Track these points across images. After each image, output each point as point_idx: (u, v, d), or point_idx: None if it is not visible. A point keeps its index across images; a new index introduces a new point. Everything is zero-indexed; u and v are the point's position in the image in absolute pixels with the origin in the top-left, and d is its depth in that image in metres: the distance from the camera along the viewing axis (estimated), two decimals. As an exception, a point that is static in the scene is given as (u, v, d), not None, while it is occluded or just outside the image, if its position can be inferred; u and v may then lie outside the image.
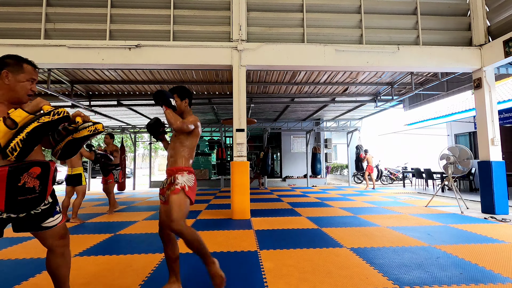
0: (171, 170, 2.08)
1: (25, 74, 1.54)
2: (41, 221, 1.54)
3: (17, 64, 1.52)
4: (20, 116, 1.39)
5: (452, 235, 3.66)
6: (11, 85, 1.50)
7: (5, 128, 1.35)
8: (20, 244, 3.49)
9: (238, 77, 5.16)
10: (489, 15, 5.43)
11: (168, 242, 2.05)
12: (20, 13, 5.09)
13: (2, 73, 1.48)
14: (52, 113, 1.44)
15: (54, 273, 1.65)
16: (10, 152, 1.37)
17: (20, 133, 1.38)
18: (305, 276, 2.37)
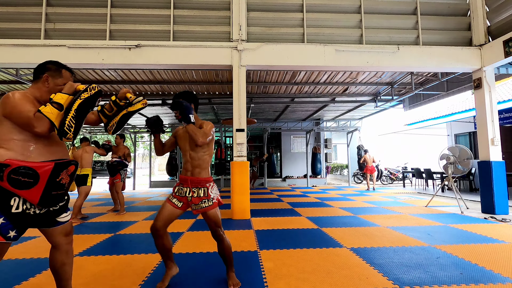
0: (198, 181, 2.13)
1: (63, 79, 1.66)
2: (56, 216, 1.61)
3: (57, 70, 1.66)
4: (62, 98, 1.52)
5: (452, 235, 3.66)
6: (50, 88, 1.61)
7: (56, 110, 1.48)
8: (20, 244, 3.49)
9: (238, 77, 5.16)
10: (489, 15, 5.43)
11: (164, 236, 2.13)
12: (20, 13, 5.09)
13: (43, 77, 1.60)
14: (88, 89, 1.61)
15: (58, 271, 1.66)
16: (67, 129, 1.50)
17: (69, 111, 1.52)
18: (305, 276, 2.37)
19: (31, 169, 1.43)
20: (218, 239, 2.15)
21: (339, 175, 18.49)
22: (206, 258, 2.88)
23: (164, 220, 2.11)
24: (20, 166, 1.41)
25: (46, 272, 2.54)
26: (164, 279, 2.19)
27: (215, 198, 2.15)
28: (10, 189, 1.41)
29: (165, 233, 2.14)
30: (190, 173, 2.15)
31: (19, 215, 1.45)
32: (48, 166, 1.47)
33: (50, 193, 1.49)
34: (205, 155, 2.16)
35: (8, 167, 1.40)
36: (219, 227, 2.15)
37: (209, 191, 2.14)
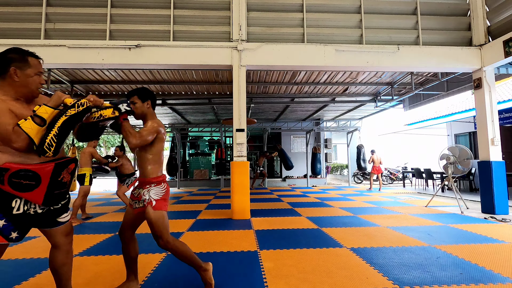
0: (141, 181, 2.02)
1: (32, 68, 1.50)
2: (57, 216, 1.60)
3: (22, 59, 1.48)
4: (46, 112, 1.43)
5: (452, 235, 3.66)
6: (21, 81, 1.47)
7: (36, 126, 1.39)
8: (20, 244, 3.49)
9: (238, 77, 5.16)
10: (489, 15, 5.43)
11: (130, 242, 2.04)
12: (20, 13, 5.09)
13: (10, 70, 1.44)
14: (76, 105, 1.50)
15: (58, 271, 1.66)
16: (47, 148, 1.42)
17: (52, 128, 1.43)
18: (305, 276, 2.37)
19: (32, 172, 1.41)
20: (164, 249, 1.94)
21: (339, 175, 18.49)
22: (206, 258, 2.88)
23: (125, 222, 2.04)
24: (20, 169, 1.38)
25: (46, 272, 2.54)
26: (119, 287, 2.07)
27: (147, 200, 1.93)
28: (13, 192, 1.40)
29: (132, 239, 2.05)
30: (140, 173, 2.06)
31: (20, 216, 1.44)
32: (48, 167, 1.45)
33: (53, 192, 1.49)
34: (147, 154, 1.99)
35: (8, 171, 1.37)
36: (158, 237, 1.91)
37: (143, 192, 1.96)
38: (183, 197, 8.55)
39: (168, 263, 2.73)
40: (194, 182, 12.88)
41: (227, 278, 2.37)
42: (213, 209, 6.08)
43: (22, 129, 1.36)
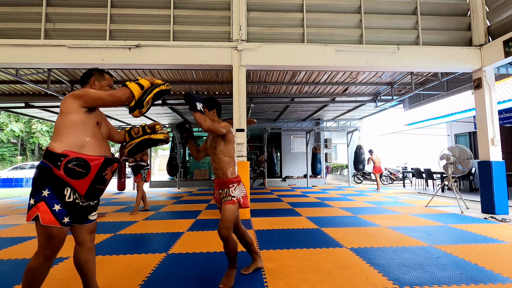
0: (222, 183, 2.28)
1: (106, 81, 1.91)
2: (89, 213, 1.76)
3: (100, 74, 1.90)
4: (145, 82, 1.83)
5: (452, 235, 3.66)
6: (97, 89, 1.85)
7: (138, 87, 1.78)
8: (20, 244, 3.49)
9: (238, 77, 5.16)
10: (489, 15, 5.43)
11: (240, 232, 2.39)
12: (20, 13, 5.09)
13: (90, 80, 1.86)
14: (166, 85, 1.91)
15: (83, 267, 1.77)
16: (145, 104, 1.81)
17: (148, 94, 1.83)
18: (305, 276, 2.37)
19: (85, 161, 1.60)
20: (222, 239, 2.15)
21: (339, 175, 18.48)
22: (206, 258, 2.88)
23: None
24: (76, 157, 1.58)
25: (46, 272, 2.54)
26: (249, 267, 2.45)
27: (236, 198, 2.22)
28: (64, 178, 1.57)
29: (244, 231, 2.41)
30: (216, 175, 2.32)
31: (71, 204, 1.61)
32: (99, 160, 1.64)
33: (95, 186, 1.65)
34: (225, 157, 2.26)
35: (66, 157, 1.56)
36: (225, 227, 2.13)
37: (230, 191, 2.24)
38: (183, 197, 8.55)
39: (168, 263, 2.73)
40: (194, 182, 12.88)
41: (227, 278, 2.37)
42: (213, 209, 6.08)
43: (128, 87, 1.75)
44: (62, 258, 2.90)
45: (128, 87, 1.75)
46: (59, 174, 1.56)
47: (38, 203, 1.54)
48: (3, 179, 14.08)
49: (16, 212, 6.00)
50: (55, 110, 9.51)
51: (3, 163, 22.07)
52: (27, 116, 11.82)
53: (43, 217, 1.53)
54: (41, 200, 1.54)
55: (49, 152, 1.58)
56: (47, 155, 1.59)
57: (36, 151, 25.03)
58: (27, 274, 1.56)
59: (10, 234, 4.02)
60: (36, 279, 1.57)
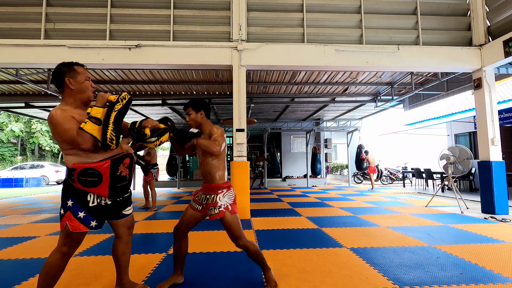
0: (209, 188, 2.12)
1: (81, 75, 1.73)
2: (122, 209, 1.89)
3: (71, 69, 1.71)
4: (98, 112, 1.66)
5: (452, 235, 3.66)
6: (77, 88, 1.71)
7: (96, 126, 1.63)
8: (20, 244, 3.49)
9: (238, 77, 5.16)
10: (489, 15, 5.42)
11: (183, 239, 2.18)
12: (20, 13, 5.09)
13: (65, 81, 1.68)
14: (120, 100, 1.71)
15: (119, 259, 1.94)
16: (110, 142, 1.66)
17: (108, 125, 1.65)
18: (305, 276, 2.37)
19: (93, 169, 1.66)
20: (242, 248, 2.11)
21: (339, 175, 18.48)
22: (206, 258, 2.88)
23: (185, 221, 2.16)
24: (84, 168, 1.64)
25: (46, 272, 2.54)
26: (167, 281, 2.19)
27: (223, 206, 2.06)
28: (83, 189, 1.66)
29: (185, 236, 2.19)
30: (204, 179, 2.17)
31: (96, 208, 1.71)
32: (106, 164, 1.69)
33: (115, 185, 1.74)
34: (213, 160, 2.10)
35: (75, 170, 1.64)
36: (236, 238, 2.07)
37: (216, 198, 2.07)
38: (183, 197, 8.55)
39: (168, 263, 2.73)
40: (194, 182, 12.87)
41: (227, 278, 2.37)
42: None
43: (85, 131, 1.60)
44: (62, 258, 2.90)
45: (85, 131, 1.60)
46: (77, 186, 1.67)
47: (66, 213, 1.67)
48: (3, 179, 14.08)
49: (16, 212, 6.00)
50: (55, 110, 9.50)
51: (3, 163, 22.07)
52: (27, 116, 11.82)
53: (71, 225, 1.65)
54: (67, 210, 1.67)
55: (66, 167, 1.70)
56: (66, 169, 1.70)
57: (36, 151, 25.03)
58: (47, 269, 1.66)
59: (10, 234, 4.02)
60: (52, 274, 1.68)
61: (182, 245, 2.17)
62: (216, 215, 2.04)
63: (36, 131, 19.88)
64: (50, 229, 4.33)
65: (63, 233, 1.67)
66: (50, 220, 5.11)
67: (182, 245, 2.18)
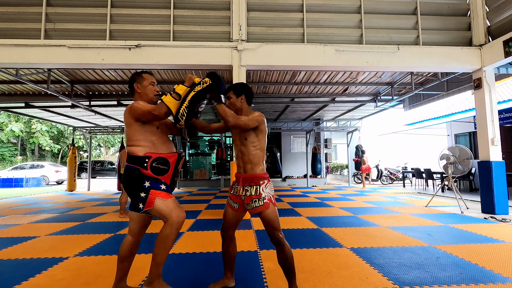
0: (250, 178, 1.95)
1: (146, 80, 2.01)
2: None
3: (139, 76, 2.01)
4: (181, 89, 1.87)
5: (452, 235, 3.66)
6: (142, 92, 1.99)
7: (173, 99, 1.82)
8: (20, 244, 3.49)
9: (238, 77, 5.16)
10: (489, 15, 5.42)
11: (230, 241, 2.09)
12: (20, 13, 5.09)
13: (134, 87, 2.00)
14: (201, 83, 1.87)
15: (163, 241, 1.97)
16: (180, 117, 1.82)
17: (184, 102, 1.83)
18: (305, 276, 2.37)
19: (165, 159, 1.87)
20: (277, 244, 1.90)
21: (339, 175, 18.48)
22: (206, 258, 2.88)
23: (229, 222, 2.05)
24: (158, 156, 1.85)
25: (46, 272, 2.54)
26: (217, 283, 2.11)
27: (267, 197, 1.92)
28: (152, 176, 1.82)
29: (232, 239, 2.09)
30: (242, 169, 2.00)
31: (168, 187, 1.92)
32: (174, 156, 1.93)
33: (174, 178, 1.95)
34: (256, 149, 1.96)
35: (150, 158, 1.83)
36: (275, 229, 1.90)
37: (260, 189, 1.92)
38: (183, 197, 8.55)
39: (168, 263, 2.73)
40: (194, 182, 12.87)
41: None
42: (213, 209, 6.08)
43: (163, 102, 1.81)
44: (62, 258, 2.91)
45: (163, 102, 1.80)
46: (147, 174, 1.82)
47: (149, 191, 1.80)
48: (3, 179, 14.08)
49: (16, 212, 6.00)
50: (55, 110, 9.51)
51: (3, 163, 22.08)
52: (27, 116, 11.82)
53: (162, 196, 1.81)
54: (149, 190, 1.80)
55: (133, 157, 1.85)
56: (131, 159, 1.85)
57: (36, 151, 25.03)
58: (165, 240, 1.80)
59: (10, 234, 4.02)
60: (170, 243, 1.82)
61: (231, 246, 2.07)
62: (259, 208, 1.89)
63: (36, 131, 19.87)
64: (50, 229, 4.33)
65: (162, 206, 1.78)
66: (50, 220, 5.11)
67: (231, 247, 2.07)
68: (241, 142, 1.99)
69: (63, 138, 23.51)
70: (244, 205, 1.98)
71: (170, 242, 1.81)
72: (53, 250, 3.21)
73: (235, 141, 2.07)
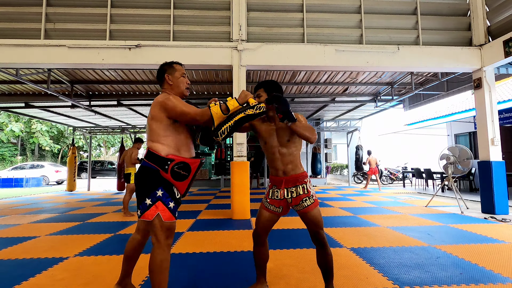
0: (294, 179, 1.89)
1: (178, 71, 1.89)
2: None
3: (170, 67, 1.89)
4: (233, 105, 1.73)
5: (452, 235, 3.65)
6: (174, 83, 1.87)
7: (221, 112, 1.70)
8: (20, 244, 3.49)
9: (238, 77, 5.16)
10: (489, 15, 5.43)
11: (263, 246, 2.00)
12: (20, 13, 5.09)
13: (165, 78, 1.87)
14: (255, 107, 1.74)
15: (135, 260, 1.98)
16: (220, 134, 1.71)
17: (230, 120, 1.72)
18: (305, 276, 2.37)
19: (188, 164, 1.72)
20: (321, 243, 1.84)
21: (339, 175, 18.48)
22: (206, 258, 2.88)
23: (263, 227, 1.95)
24: (181, 161, 1.70)
25: (46, 272, 2.54)
26: None
27: (314, 196, 1.89)
28: (170, 180, 1.68)
29: (265, 243, 2.00)
30: (282, 172, 1.90)
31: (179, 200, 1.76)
32: (196, 163, 1.77)
33: (190, 185, 1.80)
34: (297, 149, 1.94)
35: (172, 161, 1.68)
36: (321, 228, 1.85)
37: (307, 187, 1.89)
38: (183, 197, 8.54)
39: (168, 263, 2.73)
40: (194, 182, 12.84)
41: (227, 278, 2.37)
42: (213, 209, 6.08)
43: (210, 111, 1.69)
44: (62, 258, 2.91)
45: (210, 111, 1.69)
46: (165, 177, 1.68)
47: (156, 203, 1.65)
48: (3, 179, 14.08)
49: (16, 212, 6.00)
50: (55, 110, 9.51)
51: (3, 163, 22.08)
52: (27, 116, 11.82)
53: (163, 215, 1.65)
54: (157, 200, 1.66)
55: (154, 155, 1.69)
56: (151, 156, 1.70)
57: (36, 151, 25.04)
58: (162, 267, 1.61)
59: (10, 234, 4.02)
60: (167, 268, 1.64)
61: (263, 251, 1.99)
62: (311, 206, 1.84)
63: (36, 131, 19.87)
64: (50, 229, 4.33)
65: (158, 225, 1.63)
66: (50, 220, 5.11)
67: (264, 251, 2.00)
68: (281, 143, 1.90)
69: (63, 138, 23.51)
70: (291, 207, 1.93)
71: (167, 266, 1.64)
72: (53, 250, 3.21)
73: (270, 143, 1.93)
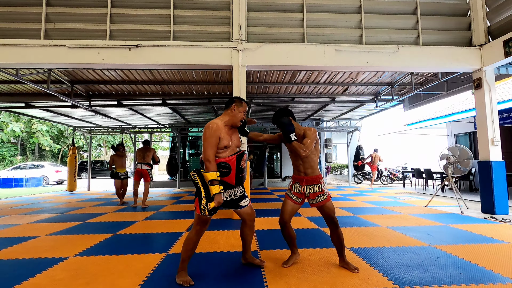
0: (312, 179, 2.56)
1: (243, 107, 2.44)
2: (239, 202, 2.41)
3: (240, 101, 2.44)
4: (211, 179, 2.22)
5: (452, 235, 3.66)
6: (235, 113, 2.41)
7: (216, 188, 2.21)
8: (20, 244, 3.49)
9: (238, 77, 5.16)
10: (489, 15, 5.42)
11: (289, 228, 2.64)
12: (20, 13, 5.09)
13: (233, 106, 2.41)
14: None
15: (245, 239, 2.55)
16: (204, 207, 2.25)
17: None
18: (305, 276, 2.37)
19: (225, 162, 2.26)
20: (335, 224, 2.52)
21: (339, 175, 18.47)
22: (206, 258, 2.88)
23: (289, 214, 2.60)
24: (220, 161, 2.26)
25: (46, 272, 2.54)
26: (288, 260, 2.64)
27: (327, 192, 2.55)
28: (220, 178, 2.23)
29: (290, 225, 2.64)
30: (303, 173, 2.57)
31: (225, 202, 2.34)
32: (233, 159, 2.29)
33: (239, 175, 2.32)
34: (315, 157, 2.55)
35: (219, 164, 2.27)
36: (334, 215, 2.53)
37: (322, 187, 2.54)
38: (183, 197, 8.55)
39: (168, 263, 2.73)
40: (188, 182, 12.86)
41: (227, 278, 2.37)
42: (213, 209, 6.06)
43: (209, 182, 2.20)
44: (62, 258, 2.91)
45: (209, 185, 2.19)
46: None
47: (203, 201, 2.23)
48: (3, 179, 14.08)
49: (16, 212, 6.00)
50: (55, 110, 9.51)
51: (3, 163, 22.08)
52: (27, 116, 11.82)
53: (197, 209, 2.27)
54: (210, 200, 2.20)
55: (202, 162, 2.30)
56: None
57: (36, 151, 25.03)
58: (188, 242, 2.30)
59: (10, 234, 4.02)
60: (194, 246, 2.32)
61: (291, 232, 2.64)
62: (324, 201, 2.51)
63: (36, 131, 19.85)
64: (50, 229, 4.33)
65: (196, 214, 2.28)
66: (50, 220, 5.11)
67: (291, 232, 2.64)
68: None
69: (63, 138, 23.48)
70: (308, 200, 2.62)
71: (191, 244, 2.28)
72: (53, 250, 3.22)
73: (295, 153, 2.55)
